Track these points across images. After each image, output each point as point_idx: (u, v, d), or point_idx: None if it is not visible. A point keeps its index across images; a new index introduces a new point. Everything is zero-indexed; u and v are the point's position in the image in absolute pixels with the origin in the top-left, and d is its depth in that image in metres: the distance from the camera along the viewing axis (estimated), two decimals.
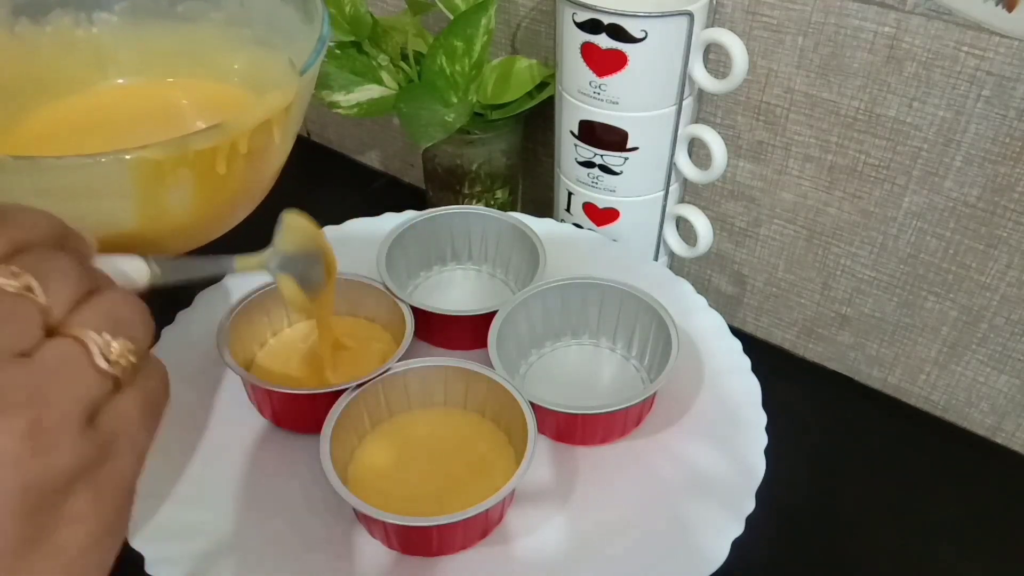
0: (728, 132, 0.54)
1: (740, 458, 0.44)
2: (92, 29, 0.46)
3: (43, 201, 0.33)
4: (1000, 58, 0.43)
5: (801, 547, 0.47)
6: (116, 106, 0.47)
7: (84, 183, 0.33)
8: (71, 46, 0.46)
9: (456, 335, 0.50)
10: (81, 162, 0.31)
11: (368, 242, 0.51)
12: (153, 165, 0.32)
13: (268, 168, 0.40)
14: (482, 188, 0.62)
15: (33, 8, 0.44)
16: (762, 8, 0.49)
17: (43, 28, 0.45)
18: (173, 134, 0.33)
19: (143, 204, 0.34)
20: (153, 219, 0.36)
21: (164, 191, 0.34)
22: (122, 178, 0.33)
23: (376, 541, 0.41)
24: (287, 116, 0.37)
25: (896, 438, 0.54)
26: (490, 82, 0.58)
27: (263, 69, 0.45)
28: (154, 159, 0.32)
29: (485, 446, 0.44)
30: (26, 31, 0.44)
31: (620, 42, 0.47)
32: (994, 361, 0.52)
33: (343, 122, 0.79)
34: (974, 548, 0.48)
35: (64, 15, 0.45)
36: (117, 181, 0.33)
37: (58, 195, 0.33)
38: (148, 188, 0.34)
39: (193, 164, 0.34)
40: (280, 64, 0.43)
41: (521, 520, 0.41)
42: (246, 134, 0.35)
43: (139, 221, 0.35)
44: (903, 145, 0.48)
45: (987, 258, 0.49)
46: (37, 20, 0.45)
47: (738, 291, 0.61)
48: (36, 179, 0.32)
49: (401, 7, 0.61)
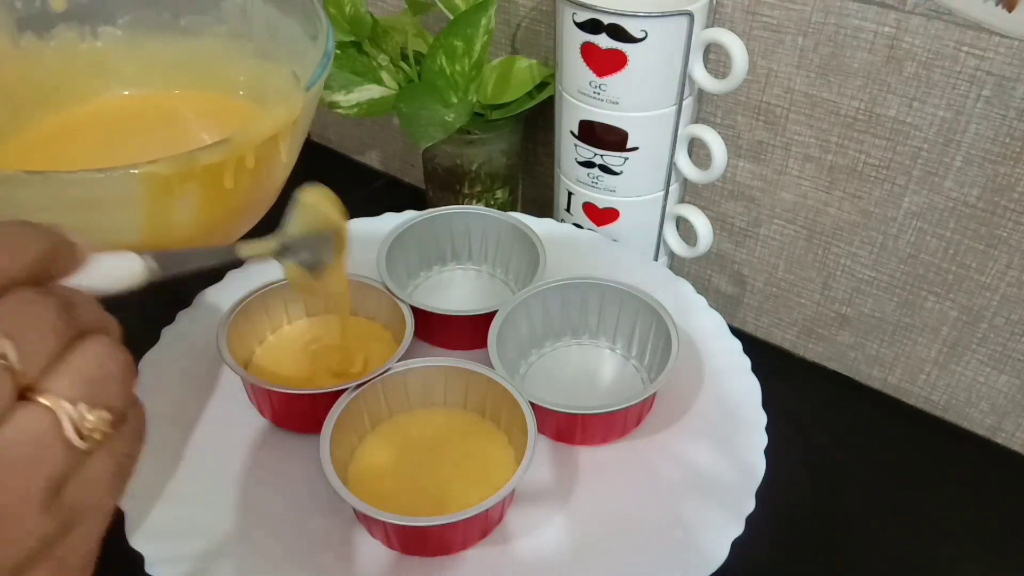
0: (728, 132, 0.54)
1: (740, 458, 0.44)
2: (96, 43, 0.46)
3: (52, 213, 0.34)
4: (1000, 58, 0.43)
5: (801, 547, 0.47)
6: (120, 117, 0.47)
7: (93, 196, 0.33)
8: (75, 59, 0.46)
9: (456, 335, 0.50)
10: (92, 176, 0.32)
11: (368, 242, 0.51)
12: (162, 179, 0.33)
13: (273, 182, 0.41)
14: (482, 188, 0.62)
15: (38, 22, 0.45)
16: (762, 8, 0.49)
17: (48, 42, 0.45)
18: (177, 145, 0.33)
19: (150, 217, 0.35)
20: (159, 232, 0.36)
21: (172, 204, 0.35)
22: (131, 192, 0.33)
23: (376, 541, 0.41)
24: (293, 130, 0.38)
25: (896, 438, 0.54)
26: (490, 82, 0.58)
27: (266, 82, 0.45)
28: (163, 173, 0.32)
29: (485, 446, 0.44)
30: (31, 44, 0.45)
31: (620, 42, 0.47)
32: (994, 361, 0.52)
33: (343, 122, 0.79)
34: (974, 548, 0.48)
35: (68, 29, 0.45)
36: (126, 195, 0.33)
37: (67, 207, 0.33)
38: (156, 201, 0.34)
39: (201, 178, 0.34)
40: (283, 77, 0.43)
41: (521, 520, 0.41)
42: (253, 149, 0.35)
43: (145, 234, 0.36)
44: (903, 145, 0.48)
45: (987, 258, 0.49)
46: (42, 34, 0.45)
47: (738, 291, 0.61)
48: (46, 192, 0.33)
49: (401, 7, 0.61)
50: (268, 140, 0.36)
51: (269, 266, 0.54)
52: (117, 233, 0.35)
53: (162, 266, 0.27)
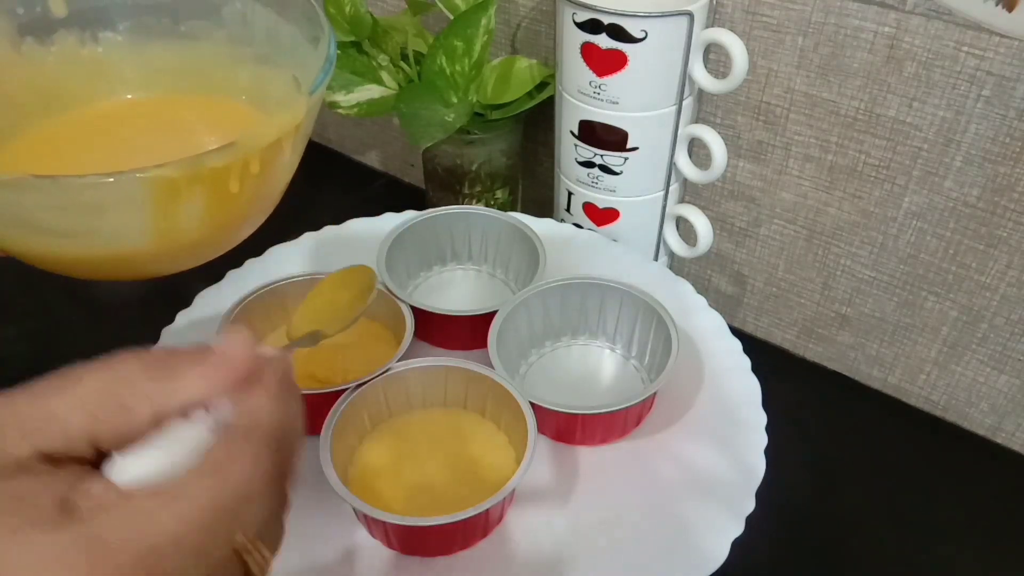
0: (728, 132, 0.54)
1: (740, 458, 0.44)
2: (97, 48, 0.47)
3: (59, 217, 0.34)
4: (1000, 58, 0.43)
5: (801, 547, 0.47)
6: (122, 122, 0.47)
7: (101, 200, 0.33)
8: (77, 64, 0.46)
9: (456, 335, 0.50)
10: (101, 180, 0.32)
11: (368, 242, 0.51)
12: (169, 183, 0.33)
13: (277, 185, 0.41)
14: (482, 188, 0.62)
15: (39, 28, 0.45)
16: (762, 8, 0.49)
17: (49, 48, 0.45)
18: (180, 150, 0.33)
19: (157, 221, 0.35)
20: (165, 235, 0.36)
21: (178, 208, 0.35)
22: (139, 195, 0.33)
23: (376, 541, 0.41)
24: (297, 134, 0.38)
25: (896, 438, 0.54)
26: (490, 82, 0.58)
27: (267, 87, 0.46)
28: (170, 177, 0.33)
29: (485, 446, 0.44)
30: (32, 50, 0.45)
31: (620, 42, 0.47)
32: (994, 361, 0.52)
33: (343, 122, 0.79)
34: (974, 548, 0.48)
35: (69, 35, 0.46)
36: (134, 198, 0.34)
37: (74, 211, 0.34)
38: (162, 205, 0.34)
39: (207, 182, 0.34)
40: (284, 82, 0.44)
41: (521, 520, 0.41)
42: (259, 152, 0.35)
43: (151, 237, 0.36)
44: (903, 145, 0.48)
45: (987, 258, 0.49)
46: (43, 40, 0.45)
47: (738, 291, 0.61)
48: (55, 196, 0.33)
49: (401, 7, 0.61)
50: (273, 144, 0.36)
51: (269, 266, 0.54)
52: (123, 236, 0.36)
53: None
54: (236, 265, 0.54)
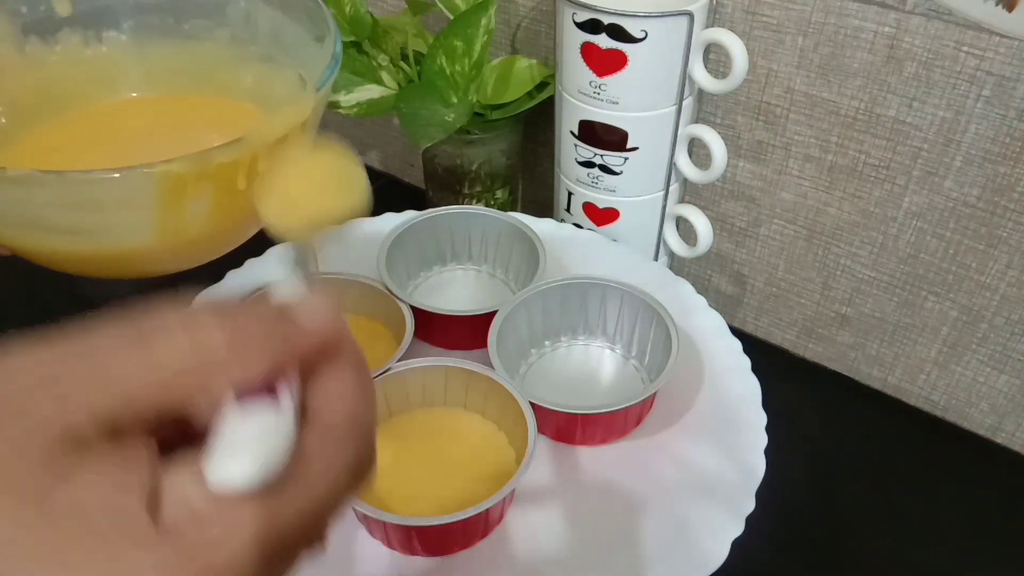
0: (728, 132, 0.54)
1: (740, 458, 0.44)
2: (101, 48, 0.47)
3: (66, 214, 0.34)
4: (1000, 58, 0.43)
5: (801, 547, 0.47)
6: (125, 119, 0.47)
7: (109, 196, 0.33)
8: (81, 64, 0.46)
9: (456, 335, 0.50)
10: (108, 176, 0.32)
11: (368, 242, 0.51)
12: (177, 179, 0.33)
13: None
14: (482, 188, 0.62)
15: (42, 27, 0.45)
16: (762, 8, 0.49)
17: (53, 47, 0.45)
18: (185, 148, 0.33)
19: (163, 217, 0.35)
20: (171, 232, 0.36)
21: (185, 205, 0.35)
22: (146, 191, 0.33)
23: (376, 541, 0.41)
24: (302, 132, 0.38)
25: (896, 438, 0.54)
26: (490, 82, 0.58)
27: (272, 85, 0.46)
28: (178, 172, 0.33)
29: (485, 446, 0.44)
30: (36, 50, 0.45)
31: (620, 42, 0.47)
32: (994, 361, 0.52)
33: (343, 122, 0.79)
34: (974, 548, 0.48)
35: (73, 34, 0.46)
36: (141, 194, 0.34)
37: (81, 208, 0.34)
38: (170, 201, 0.34)
39: (214, 178, 0.34)
40: (289, 81, 0.44)
41: (521, 520, 0.41)
42: (265, 149, 0.35)
43: (158, 234, 0.36)
44: (903, 145, 0.48)
45: (987, 258, 0.49)
46: (46, 39, 0.45)
47: (738, 291, 0.61)
48: (62, 192, 0.33)
49: (401, 7, 0.61)
50: (279, 141, 0.36)
51: (269, 266, 0.54)
52: (130, 234, 0.36)
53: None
54: (236, 265, 0.54)
